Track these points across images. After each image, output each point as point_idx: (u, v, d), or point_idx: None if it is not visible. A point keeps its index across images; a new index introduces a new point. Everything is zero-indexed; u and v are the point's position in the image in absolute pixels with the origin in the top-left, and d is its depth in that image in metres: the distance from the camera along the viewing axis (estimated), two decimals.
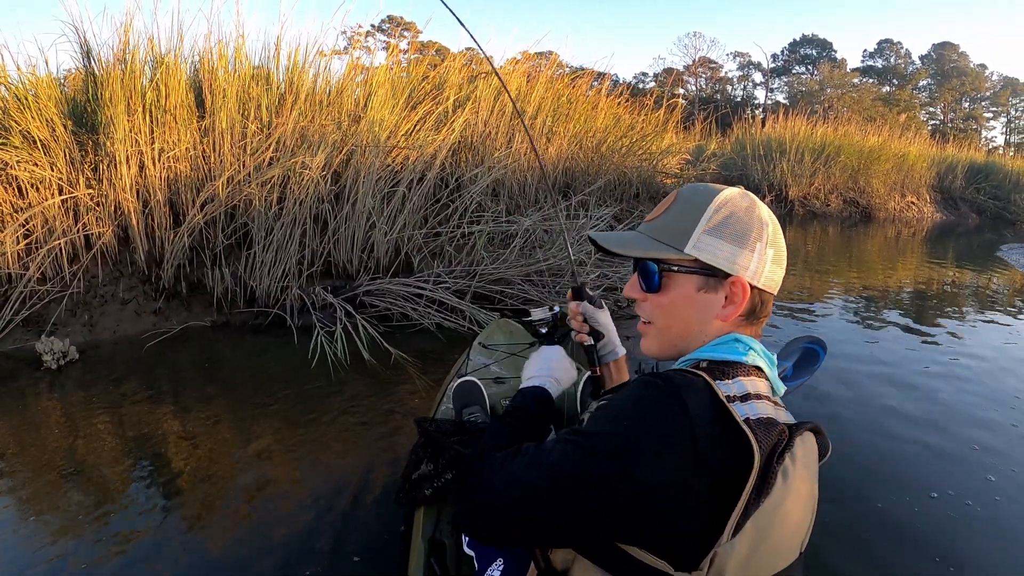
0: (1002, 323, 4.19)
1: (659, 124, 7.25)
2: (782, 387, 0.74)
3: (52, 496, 1.77)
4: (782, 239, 0.76)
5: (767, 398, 0.69)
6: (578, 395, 1.50)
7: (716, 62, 42.70)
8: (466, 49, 6.38)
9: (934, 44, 41.77)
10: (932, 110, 41.69)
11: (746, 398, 0.66)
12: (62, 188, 3.16)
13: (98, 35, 5.10)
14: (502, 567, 0.94)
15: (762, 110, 32.09)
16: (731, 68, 44.22)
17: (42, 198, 3.10)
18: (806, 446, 0.69)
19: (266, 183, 3.42)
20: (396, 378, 2.68)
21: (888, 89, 40.23)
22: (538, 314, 1.18)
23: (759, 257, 0.72)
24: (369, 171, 3.69)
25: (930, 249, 8.69)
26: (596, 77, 6.87)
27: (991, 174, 15.65)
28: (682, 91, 37.60)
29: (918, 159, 13.75)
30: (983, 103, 41.48)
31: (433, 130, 4.23)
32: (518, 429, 0.85)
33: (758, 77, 43.45)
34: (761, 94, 42.56)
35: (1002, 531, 1.74)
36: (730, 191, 0.75)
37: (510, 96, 1.31)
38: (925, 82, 41.35)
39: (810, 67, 41.61)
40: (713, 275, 0.72)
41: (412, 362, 2.83)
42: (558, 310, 1.16)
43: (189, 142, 3.44)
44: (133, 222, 3.28)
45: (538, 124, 5.30)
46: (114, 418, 2.27)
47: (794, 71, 42.25)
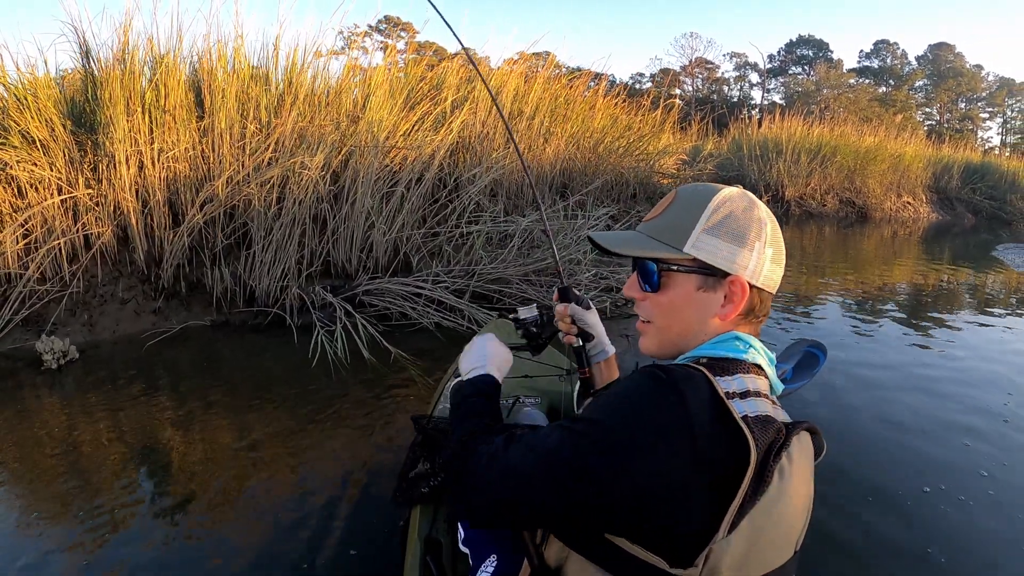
0: (996, 322, 4.22)
1: (656, 124, 7.27)
2: (780, 386, 0.75)
3: (52, 495, 1.78)
4: (781, 238, 0.76)
5: (766, 396, 0.69)
6: (575, 396, 1.50)
7: (712, 62, 42.85)
8: (463, 49, 6.38)
9: (930, 45, 42.02)
10: (928, 110, 41.81)
11: (746, 395, 0.66)
12: (61, 188, 3.17)
13: (97, 35, 5.12)
14: (495, 564, 0.94)
15: (758, 110, 32.14)
16: (727, 68, 44.38)
17: (41, 198, 3.10)
18: (803, 445, 0.69)
19: (265, 183, 3.43)
20: (396, 377, 2.70)
21: (884, 90, 40.35)
22: (524, 313, 1.18)
23: (758, 256, 0.72)
24: (368, 171, 3.71)
25: (926, 249, 8.73)
26: (593, 78, 6.89)
27: (987, 174, 15.72)
28: (678, 91, 37.69)
29: (914, 159, 13.80)
30: (979, 103, 41.60)
31: (431, 130, 4.24)
32: (479, 413, 0.84)
33: (754, 77, 43.63)
34: (757, 94, 42.74)
35: (994, 525, 1.76)
36: (729, 190, 0.75)
37: (487, 85, 1.32)
38: (921, 82, 41.49)
39: (806, 67, 41.70)
40: (712, 274, 0.73)
41: (412, 360, 2.84)
42: (543, 311, 1.14)
43: (188, 142, 3.45)
44: (132, 222, 3.28)
45: (536, 124, 5.31)
46: (114, 417, 2.28)
47: (790, 71, 42.35)
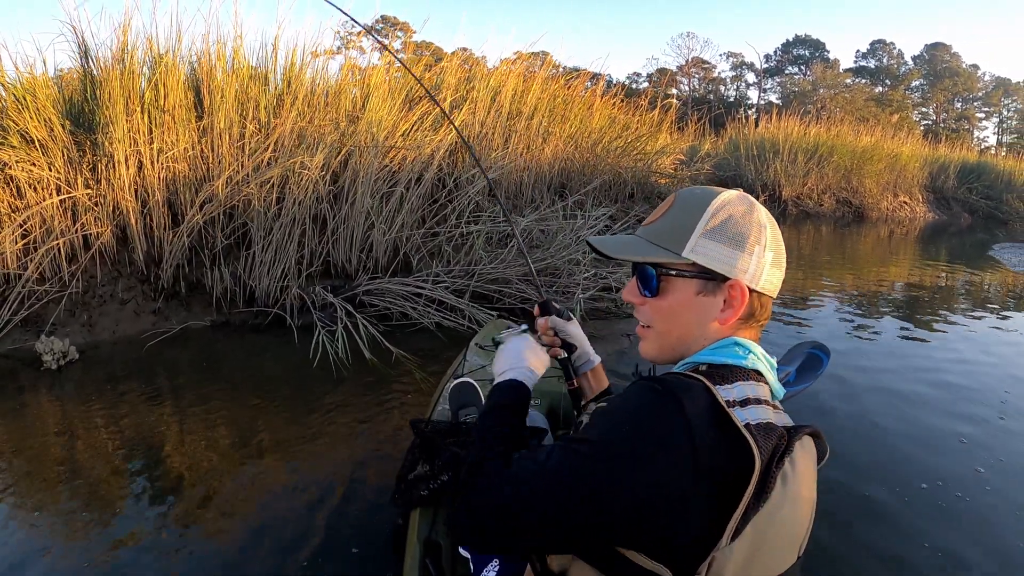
0: (992, 321, 4.24)
1: (653, 124, 7.29)
2: (782, 391, 0.75)
3: (51, 495, 1.79)
4: (781, 242, 0.76)
5: (767, 402, 0.69)
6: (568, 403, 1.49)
7: (709, 62, 42.83)
8: (460, 49, 6.40)
9: (926, 45, 42.05)
10: (924, 110, 41.90)
11: (746, 403, 0.66)
12: (60, 188, 3.16)
13: (96, 35, 5.11)
14: (497, 569, 0.94)
15: (755, 110, 32.21)
16: (724, 68, 44.40)
17: (40, 198, 3.09)
18: (805, 450, 0.69)
19: (265, 183, 3.43)
20: (397, 376, 2.71)
21: (881, 90, 40.40)
22: (508, 335, 1.20)
23: (757, 260, 0.72)
24: (367, 171, 3.71)
25: (922, 248, 8.77)
26: (591, 78, 6.90)
27: (983, 174, 15.78)
28: (675, 91, 37.70)
29: (910, 159, 13.86)
30: (975, 103, 41.71)
31: (430, 130, 4.25)
32: (501, 428, 0.81)
33: (751, 77, 43.63)
34: (754, 94, 42.76)
35: (990, 520, 1.78)
36: (728, 194, 0.75)
37: (426, 91, 1.32)
38: (918, 83, 41.56)
39: (803, 67, 41.75)
40: (712, 279, 0.72)
41: (413, 360, 2.85)
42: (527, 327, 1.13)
43: (187, 142, 3.44)
44: (132, 222, 3.28)
45: (535, 124, 5.31)
46: (113, 418, 2.28)
47: (787, 71, 42.40)
